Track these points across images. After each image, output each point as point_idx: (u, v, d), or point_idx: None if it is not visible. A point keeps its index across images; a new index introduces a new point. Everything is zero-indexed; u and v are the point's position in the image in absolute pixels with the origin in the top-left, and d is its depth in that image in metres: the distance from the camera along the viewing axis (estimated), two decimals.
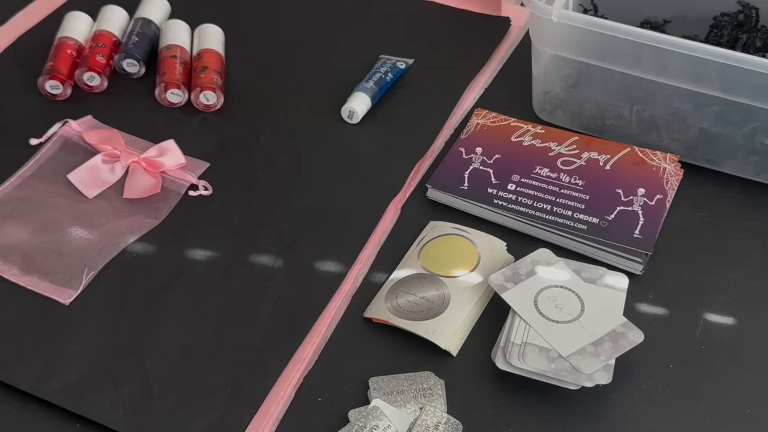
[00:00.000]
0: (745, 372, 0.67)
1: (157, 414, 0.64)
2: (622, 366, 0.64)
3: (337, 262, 0.75)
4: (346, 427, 0.62)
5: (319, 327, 0.70)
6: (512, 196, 0.78)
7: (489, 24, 1.01)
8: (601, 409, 0.64)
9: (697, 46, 0.73)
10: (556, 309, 0.67)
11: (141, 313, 0.70)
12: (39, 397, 0.64)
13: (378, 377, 0.66)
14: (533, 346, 0.65)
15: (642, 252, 0.73)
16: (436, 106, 0.90)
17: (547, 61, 0.84)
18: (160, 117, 0.89)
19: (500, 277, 0.70)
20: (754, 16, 0.86)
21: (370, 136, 0.87)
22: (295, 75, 0.94)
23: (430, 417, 0.62)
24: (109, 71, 0.92)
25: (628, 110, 0.82)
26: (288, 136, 0.87)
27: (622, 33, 0.76)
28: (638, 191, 0.77)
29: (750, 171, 0.80)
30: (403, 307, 0.70)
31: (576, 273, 0.70)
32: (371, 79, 0.90)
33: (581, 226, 0.75)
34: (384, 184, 0.82)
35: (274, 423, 0.64)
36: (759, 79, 0.72)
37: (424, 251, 0.74)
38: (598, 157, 0.80)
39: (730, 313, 0.71)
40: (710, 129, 0.79)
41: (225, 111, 0.90)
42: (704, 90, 0.76)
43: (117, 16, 0.97)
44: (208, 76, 0.89)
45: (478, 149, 0.82)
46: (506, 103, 0.89)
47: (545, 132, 0.83)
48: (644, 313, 0.71)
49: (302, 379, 0.67)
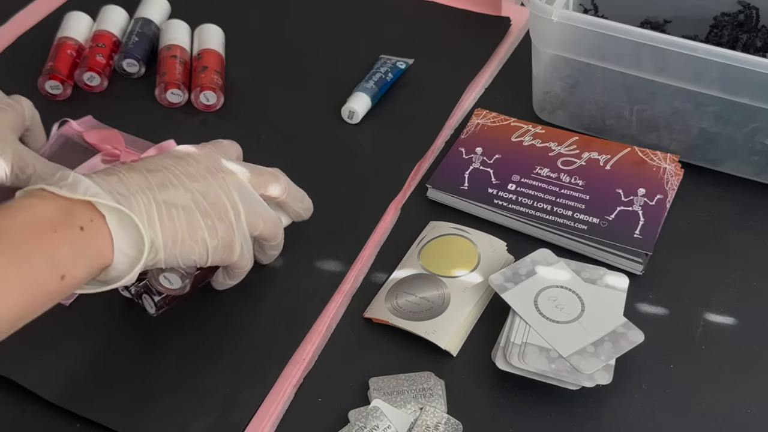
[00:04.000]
0: (745, 372, 0.67)
1: (157, 414, 0.64)
2: (622, 366, 0.64)
3: (337, 262, 0.75)
4: (346, 427, 0.62)
5: (319, 327, 0.70)
6: (512, 196, 0.78)
7: (489, 24, 1.01)
8: (601, 409, 0.64)
9: (697, 46, 0.73)
10: (556, 309, 0.67)
11: (141, 313, 0.70)
12: (39, 397, 0.64)
13: (378, 377, 0.66)
14: (533, 346, 0.65)
15: (642, 252, 0.73)
16: (436, 106, 0.90)
17: (547, 61, 0.84)
18: (160, 117, 0.89)
19: (500, 277, 0.70)
20: (755, 16, 0.85)
21: (370, 136, 0.87)
22: (295, 75, 0.94)
23: (430, 417, 0.62)
24: (109, 71, 0.92)
25: (629, 110, 0.82)
26: (288, 136, 0.87)
27: (623, 33, 0.76)
28: (638, 191, 0.77)
29: (750, 171, 0.80)
30: (403, 307, 0.70)
31: (576, 273, 0.70)
32: (371, 79, 0.90)
33: (581, 226, 0.75)
34: (384, 184, 0.82)
35: (274, 423, 0.64)
36: (759, 79, 0.72)
37: (424, 251, 0.74)
38: (598, 157, 0.80)
39: (730, 313, 0.71)
40: (710, 129, 0.79)
41: (225, 111, 0.90)
42: (704, 90, 0.76)
43: (117, 16, 0.97)
44: (208, 76, 0.89)
45: (478, 149, 0.82)
46: (506, 103, 0.89)
47: (545, 132, 0.83)
48: (644, 313, 0.71)
49: (302, 379, 0.67)
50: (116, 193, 0.57)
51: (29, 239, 0.52)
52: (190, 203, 0.61)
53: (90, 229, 0.55)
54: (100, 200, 0.55)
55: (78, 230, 0.54)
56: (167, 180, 0.61)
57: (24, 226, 0.53)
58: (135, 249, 0.57)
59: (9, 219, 0.53)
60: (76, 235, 0.54)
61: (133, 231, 0.57)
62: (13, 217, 0.53)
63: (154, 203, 0.58)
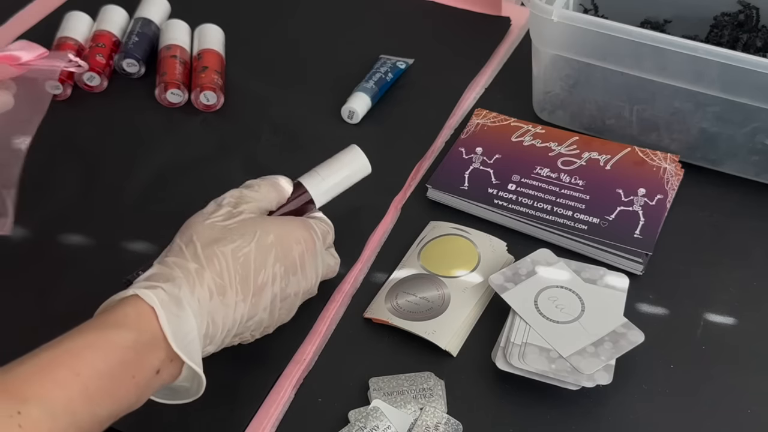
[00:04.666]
0: (745, 372, 0.67)
1: (157, 413, 0.64)
2: (622, 366, 0.64)
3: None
4: (346, 427, 0.62)
5: (319, 327, 0.70)
6: (512, 196, 0.78)
7: (489, 24, 1.01)
8: (601, 409, 0.64)
9: (697, 46, 0.73)
10: (556, 309, 0.67)
11: None
12: None
13: (378, 377, 0.66)
14: (533, 346, 0.65)
15: (642, 252, 0.73)
16: (436, 106, 0.90)
17: (548, 61, 0.84)
18: (160, 117, 0.89)
19: (500, 278, 0.70)
20: (755, 16, 0.85)
21: (370, 136, 0.87)
22: (295, 75, 0.94)
23: (430, 417, 0.62)
24: (109, 71, 0.92)
25: (629, 110, 0.82)
26: (288, 136, 0.87)
27: (623, 33, 0.75)
28: (639, 191, 0.77)
29: (750, 171, 0.80)
30: (403, 308, 0.70)
31: (576, 273, 0.70)
32: (371, 79, 0.90)
33: (581, 226, 0.75)
34: (384, 184, 0.82)
35: (274, 423, 0.64)
36: (759, 79, 0.72)
37: (424, 251, 0.74)
38: (598, 157, 0.80)
39: (730, 313, 0.71)
40: (710, 129, 0.79)
41: (225, 111, 0.90)
42: (704, 90, 0.76)
43: (117, 16, 0.97)
44: (209, 76, 0.89)
45: (478, 149, 0.82)
46: (506, 103, 0.89)
47: (545, 132, 0.83)
48: (644, 313, 0.71)
49: (302, 379, 0.67)
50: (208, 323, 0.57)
51: (107, 394, 0.51)
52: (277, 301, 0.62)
53: (165, 372, 0.54)
54: (191, 363, 0.54)
55: (155, 374, 0.53)
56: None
57: (108, 374, 0.51)
58: (189, 380, 0.57)
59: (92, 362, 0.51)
60: (152, 379, 0.53)
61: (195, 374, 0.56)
62: (99, 359, 0.51)
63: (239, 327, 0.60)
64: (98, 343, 0.51)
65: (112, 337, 0.52)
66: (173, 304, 0.55)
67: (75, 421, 0.48)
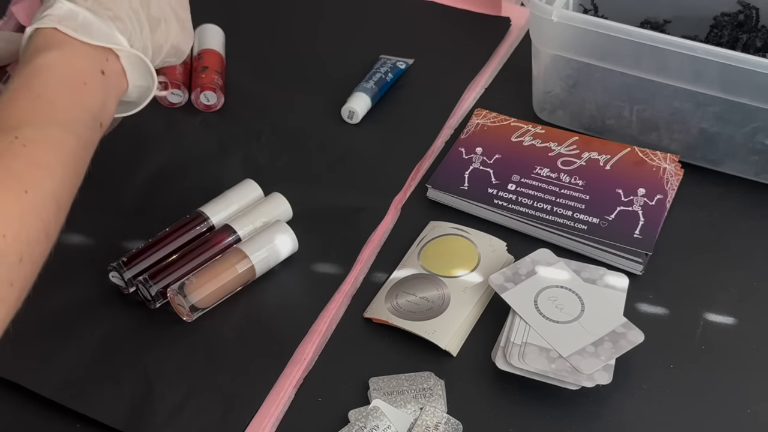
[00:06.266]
0: (745, 372, 0.67)
1: (157, 413, 0.64)
2: (622, 366, 0.64)
3: (337, 262, 0.75)
4: (346, 427, 0.62)
5: (319, 327, 0.70)
6: (512, 196, 0.78)
7: (489, 24, 1.00)
8: (601, 409, 0.64)
9: (697, 46, 0.73)
10: (556, 309, 0.67)
11: (142, 313, 0.70)
12: (39, 397, 0.64)
13: (378, 377, 0.66)
14: (533, 346, 0.65)
15: (642, 252, 0.73)
16: (436, 106, 0.90)
17: (547, 61, 0.84)
18: (160, 117, 0.89)
19: (500, 277, 0.70)
20: (755, 16, 0.85)
21: (370, 136, 0.87)
22: (295, 75, 0.94)
23: (430, 417, 0.62)
24: None
25: (628, 110, 0.82)
26: (288, 136, 0.87)
27: (623, 33, 0.76)
28: (638, 191, 0.77)
29: (750, 171, 0.80)
30: (403, 307, 0.70)
31: (576, 273, 0.70)
32: (371, 79, 0.90)
33: (581, 226, 0.75)
34: (384, 184, 0.82)
35: (274, 423, 0.64)
36: (759, 79, 0.72)
37: (424, 251, 0.74)
38: (598, 157, 0.80)
39: (730, 313, 0.71)
40: (710, 129, 0.79)
41: (225, 111, 0.90)
42: (704, 90, 0.76)
43: None
44: (209, 76, 0.89)
45: (478, 149, 0.82)
46: (506, 103, 0.89)
47: (545, 132, 0.83)
48: (644, 313, 0.71)
49: (302, 379, 0.67)
50: (114, 20, 0.57)
51: (72, 101, 0.54)
52: (171, 15, 0.62)
53: (109, 70, 0.56)
54: (118, 47, 0.56)
55: (101, 76, 0.56)
56: None
57: (62, 86, 0.54)
58: (143, 79, 0.59)
59: (44, 81, 0.53)
60: (101, 81, 0.56)
61: (140, 64, 0.59)
62: (48, 78, 0.53)
63: (146, 22, 0.60)
64: (38, 70, 0.54)
65: (44, 61, 0.54)
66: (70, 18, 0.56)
67: (66, 129, 0.53)
